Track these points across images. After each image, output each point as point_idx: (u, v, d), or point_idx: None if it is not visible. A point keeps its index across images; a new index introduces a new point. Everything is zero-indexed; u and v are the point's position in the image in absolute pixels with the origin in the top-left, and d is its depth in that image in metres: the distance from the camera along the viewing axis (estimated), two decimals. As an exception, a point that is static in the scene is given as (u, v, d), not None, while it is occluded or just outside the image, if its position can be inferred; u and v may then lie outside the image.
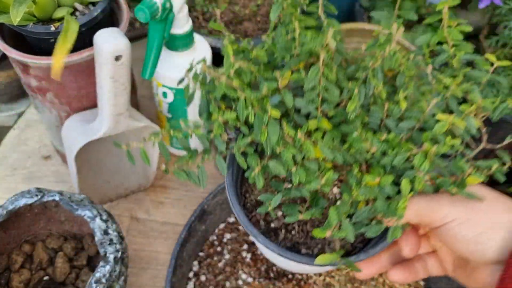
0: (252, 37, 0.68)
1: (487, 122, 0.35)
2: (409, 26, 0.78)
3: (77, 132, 0.50)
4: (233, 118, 0.32)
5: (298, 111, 0.34)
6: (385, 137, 0.32)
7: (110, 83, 0.44)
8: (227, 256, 0.55)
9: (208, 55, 0.54)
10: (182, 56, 0.51)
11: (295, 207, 0.35)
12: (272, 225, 0.38)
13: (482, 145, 0.34)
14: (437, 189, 0.34)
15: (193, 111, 0.57)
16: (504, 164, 0.33)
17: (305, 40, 0.33)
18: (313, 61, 0.35)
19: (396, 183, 0.32)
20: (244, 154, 0.35)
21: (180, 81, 0.39)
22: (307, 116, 0.35)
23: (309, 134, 0.33)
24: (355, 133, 0.32)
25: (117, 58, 0.42)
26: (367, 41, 0.67)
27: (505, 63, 0.34)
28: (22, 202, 0.46)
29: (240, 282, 0.53)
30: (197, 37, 0.53)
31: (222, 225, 0.57)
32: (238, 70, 0.33)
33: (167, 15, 0.45)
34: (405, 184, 0.31)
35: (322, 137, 0.33)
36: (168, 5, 0.44)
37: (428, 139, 0.31)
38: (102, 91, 0.45)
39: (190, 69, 0.37)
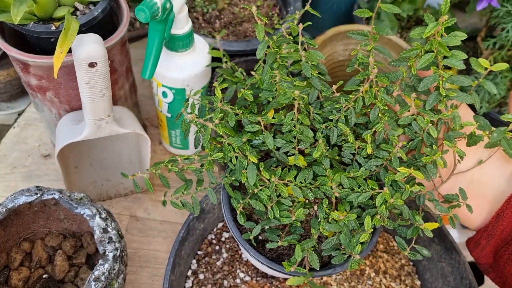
0: (252, 38, 0.68)
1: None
2: (407, 27, 0.79)
3: (65, 132, 0.50)
4: (220, 157, 0.37)
5: (279, 148, 0.39)
6: (353, 174, 0.37)
7: (86, 89, 0.44)
8: (225, 255, 0.55)
9: (207, 55, 0.54)
10: (182, 57, 0.52)
11: (276, 233, 0.39)
12: (260, 237, 0.42)
13: (444, 182, 0.39)
14: (398, 226, 0.38)
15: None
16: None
17: (281, 88, 0.37)
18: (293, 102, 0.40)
19: (360, 216, 0.37)
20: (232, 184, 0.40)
21: (178, 116, 0.42)
22: (287, 152, 0.39)
23: (283, 172, 0.37)
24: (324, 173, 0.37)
25: (92, 65, 0.42)
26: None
27: (500, 66, 0.34)
28: (22, 200, 0.46)
29: (238, 280, 0.53)
30: (196, 37, 0.54)
31: (220, 224, 0.58)
32: (226, 112, 0.37)
33: (167, 15, 0.45)
34: (367, 221, 0.35)
35: (295, 176, 0.37)
36: (168, 5, 0.44)
37: (389, 182, 0.36)
38: (81, 96, 0.45)
39: (187, 101, 0.42)
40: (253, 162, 0.36)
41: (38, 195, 0.47)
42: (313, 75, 0.39)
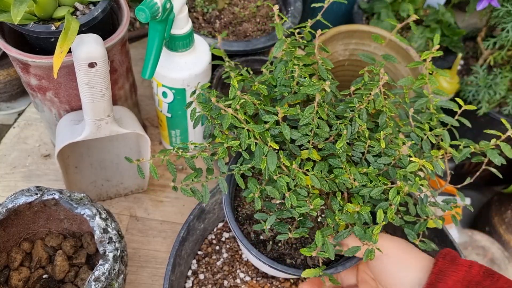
0: (252, 38, 0.68)
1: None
2: (407, 27, 0.79)
3: (65, 132, 0.50)
4: (236, 145, 0.37)
5: (293, 141, 0.39)
6: (365, 170, 0.38)
7: (86, 89, 0.44)
8: (225, 255, 0.55)
9: (207, 55, 0.54)
10: (182, 57, 0.52)
11: (285, 226, 0.39)
12: (261, 237, 0.42)
13: (446, 184, 0.41)
14: (404, 223, 0.40)
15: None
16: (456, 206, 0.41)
17: (303, 82, 0.38)
18: (309, 99, 0.41)
19: (372, 211, 0.38)
20: (242, 175, 0.39)
21: (188, 105, 0.42)
22: (300, 146, 0.39)
23: (301, 163, 0.38)
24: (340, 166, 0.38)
25: (91, 65, 0.42)
26: (365, 43, 0.68)
27: (470, 107, 0.40)
28: (22, 200, 0.46)
29: (238, 280, 0.53)
30: (197, 37, 0.54)
31: (220, 224, 0.58)
32: (243, 102, 0.37)
33: (168, 15, 0.45)
34: (379, 214, 0.36)
35: (312, 167, 0.38)
36: (168, 5, 0.44)
37: (401, 176, 0.37)
38: (81, 96, 0.45)
39: (194, 92, 0.41)
40: (273, 149, 0.36)
41: (38, 195, 0.47)
42: (329, 77, 0.41)
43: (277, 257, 0.42)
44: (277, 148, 0.36)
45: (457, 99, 0.42)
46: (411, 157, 0.38)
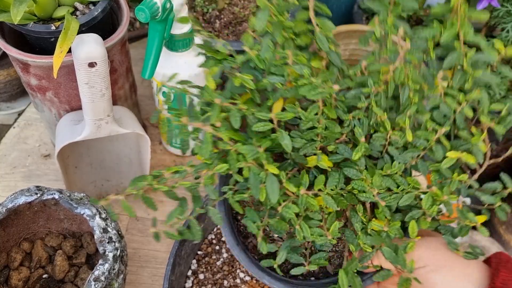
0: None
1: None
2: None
3: (65, 132, 0.50)
4: (225, 169, 0.29)
5: (295, 149, 0.31)
6: (390, 171, 0.29)
7: (86, 88, 0.44)
8: (225, 255, 0.55)
9: (207, 55, 0.54)
10: (181, 56, 0.52)
11: (298, 251, 0.33)
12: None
13: (486, 164, 0.33)
14: (439, 225, 0.33)
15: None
16: (506, 187, 0.33)
17: (300, 73, 0.29)
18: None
19: (401, 221, 0.31)
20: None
21: (155, 115, 0.34)
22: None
23: (308, 173, 0.30)
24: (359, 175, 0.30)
25: (91, 65, 0.42)
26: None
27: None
28: (22, 200, 0.46)
29: (237, 280, 0.53)
30: (196, 37, 0.54)
31: (220, 224, 0.58)
32: (226, 109, 0.29)
33: (167, 15, 0.45)
34: (412, 226, 0.29)
35: (325, 183, 0.30)
36: (168, 5, 0.44)
37: (435, 177, 0.30)
38: (81, 95, 0.45)
39: (159, 90, 0.35)
40: (272, 173, 0.28)
41: (38, 195, 0.47)
42: (331, 49, 0.31)
43: (292, 267, 0.37)
44: (277, 171, 0.28)
45: (493, 39, 0.32)
46: (445, 148, 0.30)
